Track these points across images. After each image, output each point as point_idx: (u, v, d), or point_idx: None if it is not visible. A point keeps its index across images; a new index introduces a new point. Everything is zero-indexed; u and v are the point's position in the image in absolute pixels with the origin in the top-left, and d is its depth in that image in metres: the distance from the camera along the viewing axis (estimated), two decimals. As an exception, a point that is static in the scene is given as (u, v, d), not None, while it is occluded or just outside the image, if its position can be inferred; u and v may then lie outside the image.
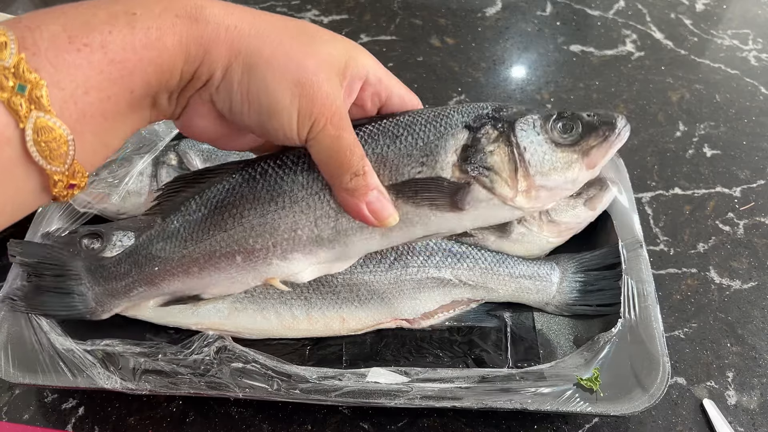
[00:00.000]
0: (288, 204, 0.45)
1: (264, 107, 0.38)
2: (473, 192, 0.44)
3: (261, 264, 0.47)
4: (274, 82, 0.38)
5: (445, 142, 0.45)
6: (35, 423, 0.55)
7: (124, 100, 0.34)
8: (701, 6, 1.02)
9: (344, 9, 0.99)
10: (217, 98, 0.39)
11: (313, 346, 0.59)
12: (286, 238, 0.46)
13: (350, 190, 0.42)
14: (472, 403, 0.51)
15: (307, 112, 0.39)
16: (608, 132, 0.46)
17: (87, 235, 0.59)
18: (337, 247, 0.46)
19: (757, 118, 0.84)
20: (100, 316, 0.53)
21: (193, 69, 0.37)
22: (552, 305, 0.61)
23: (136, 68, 0.34)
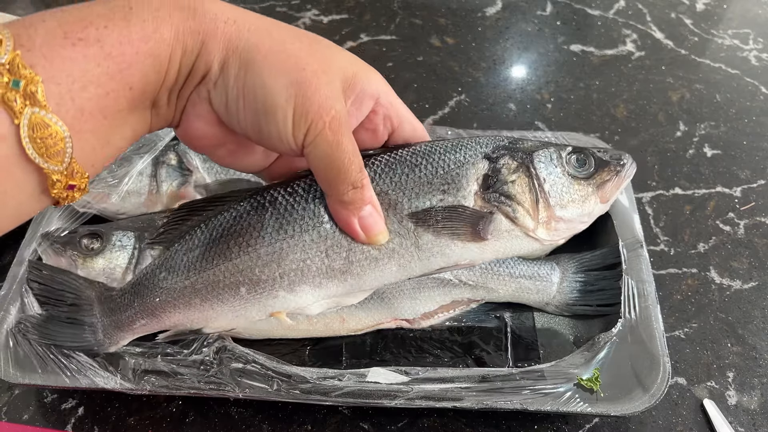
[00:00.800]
0: (297, 232, 0.44)
1: (259, 104, 0.37)
2: (496, 222, 0.44)
3: (267, 296, 0.45)
4: (270, 78, 0.36)
5: (466, 171, 0.45)
6: (35, 423, 0.55)
7: (123, 97, 0.34)
8: (701, 6, 1.02)
9: (344, 9, 0.99)
10: (214, 95, 0.38)
11: (313, 346, 0.59)
12: (294, 268, 0.44)
13: (345, 203, 0.41)
14: (473, 403, 0.51)
15: (303, 113, 0.37)
16: (619, 167, 0.48)
17: (87, 235, 0.59)
18: (349, 279, 0.45)
19: (758, 118, 0.83)
20: (108, 349, 0.52)
21: (191, 62, 0.36)
22: (552, 305, 0.61)
23: (133, 62, 0.33)
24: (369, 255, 0.44)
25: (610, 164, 0.48)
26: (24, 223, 0.61)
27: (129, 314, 0.49)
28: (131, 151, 0.68)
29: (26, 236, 0.61)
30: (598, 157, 0.48)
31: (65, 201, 0.34)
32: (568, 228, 0.46)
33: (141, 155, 0.66)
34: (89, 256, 0.58)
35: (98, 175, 0.65)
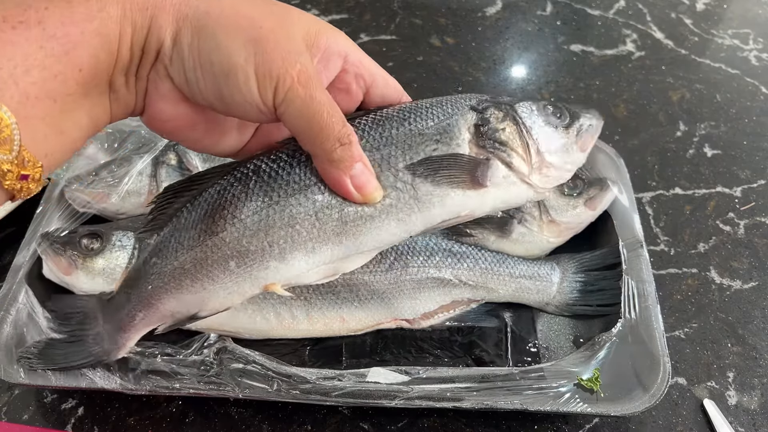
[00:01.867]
0: (283, 197, 0.42)
1: (217, 68, 0.35)
2: (493, 167, 0.44)
3: (258, 268, 0.43)
4: (225, 39, 0.35)
5: (457, 121, 0.45)
6: (35, 423, 0.55)
7: (73, 80, 0.32)
8: (702, 5, 1.02)
9: (344, 8, 0.99)
10: (172, 71, 0.36)
11: (313, 346, 0.59)
12: (283, 235, 0.42)
13: (335, 162, 0.39)
14: (473, 404, 0.51)
15: (266, 71, 0.35)
16: (589, 119, 0.50)
17: (86, 235, 0.59)
18: (345, 241, 0.43)
19: (758, 118, 0.83)
20: (115, 355, 0.50)
21: (142, 40, 0.35)
22: (552, 305, 0.61)
23: (79, 42, 0.32)
24: (363, 213, 0.42)
25: (581, 115, 0.49)
26: (24, 223, 0.62)
27: (127, 310, 0.48)
28: (131, 150, 0.68)
29: (26, 236, 0.61)
30: (571, 108, 0.49)
31: (21, 194, 0.33)
32: (558, 175, 0.47)
33: (141, 155, 0.66)
34: (89, 256, 0.58)
35: (98, 174, 0.64)
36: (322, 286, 0.58)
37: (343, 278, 0.58)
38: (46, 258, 0.58)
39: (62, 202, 0.64)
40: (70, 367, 0.51)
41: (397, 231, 0.44)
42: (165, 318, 0.47)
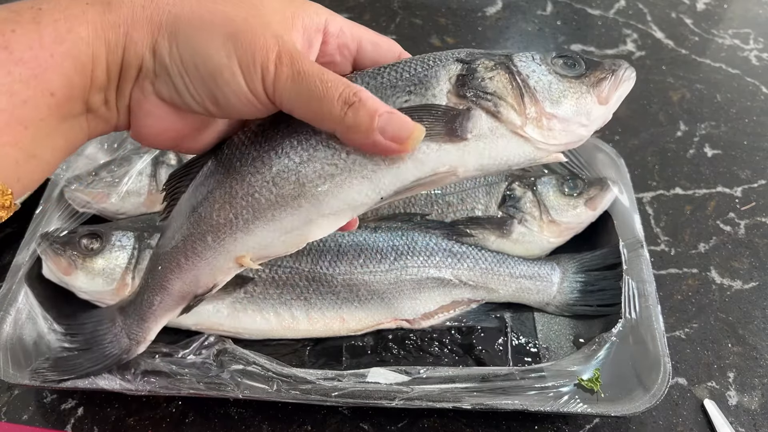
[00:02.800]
0: (241, 166, 0.41)
1: (202, 71, 0.34)
2: (475, 118, 0.39)
3: (228, 241, 0.42)
4: (202, 41, 0.33)
5: (436, 72, 0.40)
6: (34, 423, 0.55)
7: (44, 104, 0.31)
8: (702, 5, 1.02)
9: (344, 8, 0.99)
10: (159, 84, 0.35)
11: (313, 346, 0.59)
12: (244, 205, 0.41)
13: (353, 127, 0.35)
14: (473, 404, 0.51)
15: (249, 63, 0.34)
16: (615, 67, 0.43)
17: (86, 235, 0.59)
18: (305, 204, 0.40)
19: (758, 118, 0.83)
20: (135, 351, 0.51)
21: (119, 58, 0.34)
22: (552, 305, 0.61)
23: (49, 66, 0.31)
24: (323, 172, 0.39)
25: (603, 64, 0.42)
26: (23, 223, 0.62)
27: (146, 296, 0.48)
28: (131, 150, 0.68)
29: (26, 236, 0.60)
30: (589, 59, 0.42)
31: None
32: (565, 129, 0.40)
33: (141, 155, 0.66)
34: (89, 256, 0.58)
35: (98, 174, 0.64)
36: (321, 285, 0.58)
37: (342, 278, 0.58)
38: (45, 258, 0.58)
39: (62, 202, 0.64)
40: (90, 372, 0.51)
41: (364, 190, 0.39)
42: (177, 300, 0.48)
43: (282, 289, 0.58)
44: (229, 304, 0.57)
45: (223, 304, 0.57)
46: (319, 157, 0.39)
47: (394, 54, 0.43)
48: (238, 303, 0.57)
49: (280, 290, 0.58)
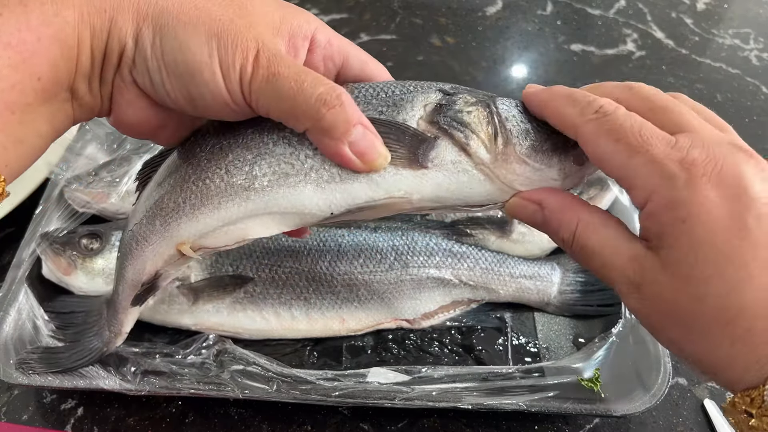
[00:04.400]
0: (200, 152, 0.40)
1: (182, 68, 0.34)
2: (440, 147, 0.37)
3: (173, 226, 0.41)
4: (187, 37, 0.33)
5: (413, 97, 0.39)
6: (34, 423, 0.55)
7: (31, 89, 0.31)
8: (702, 5, 1.02)
9: (344, 8, 0.99)
10: (136, 74, 0.35)
11: (313, 346, 0.59)
12: (194, 189, 0.40)
13: (327, 129, 0.34)
14: (473, 404, 0.51)
15: (229, 64, 0.33)
16: None
17: (86, 235, 0.59)
18: (253, 197, 0.39)
19: (759, 118, 0.83)
20: (114, 342, 0.51)
21: (103, 44, 0.33)
22: (553, 305, 0.61)
23: (37, 50, 0.30)
24: (278, 169, 0.38)
25: None
26: (23, 223, 0.62)
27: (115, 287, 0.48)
28: (130, 150, 0.68)
29: (25, 236, 0.60)
30: None
31: None
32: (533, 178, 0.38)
33: (140, 155, 0.66)
34: (88, 256, 0.58)
35: (98, 174, 0.64)
36: (321, 285, 0.58)
37: (342, 278, 0.58)
38: (45, 258, 0.58)
39: (62, 202, 0.64)
40: (74, 367, 0.51)
41: (315, 199, 0.38)
42: (131, 290, 0.46)
43: (282, 289, 0.58)
44: (229, 305, 0.57)
45: (223, 304, 0.57)
46: (277, 152, 0.38)
47: (381, 78, 0.42)
48: (238, 303, 0.57)
49: (280, 290, 0.58)
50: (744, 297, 0.28)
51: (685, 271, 0.30)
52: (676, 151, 0.30)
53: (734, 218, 0.29)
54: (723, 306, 0.29)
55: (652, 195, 0.31)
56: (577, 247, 0.35)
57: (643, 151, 0.31)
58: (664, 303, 0.31)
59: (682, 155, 0.30)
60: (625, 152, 0.31)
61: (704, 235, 0.29)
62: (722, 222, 0.29)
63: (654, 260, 0.31)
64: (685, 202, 0.29)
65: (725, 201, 0.29)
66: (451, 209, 0.40)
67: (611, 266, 0.33)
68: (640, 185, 0.31)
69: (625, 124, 0.32)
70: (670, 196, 0.30)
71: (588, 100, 0.34)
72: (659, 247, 0.31)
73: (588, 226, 0.34)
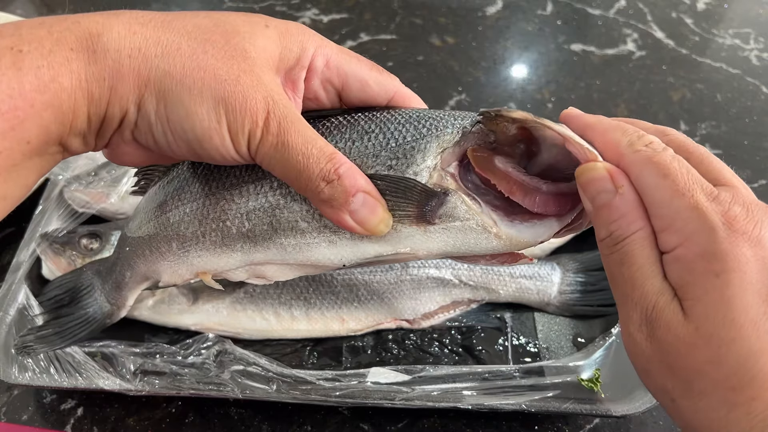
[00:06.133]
0: (219, 189, 0.41)
1: (190, 134, 0.33)
2: (449, 203, 0.37)
3: (193, 254, 0.43)
4: (193, 104, 0.33)
5: (426, 145, 0.38)
6: (34, 423, 0.55)
7: (19, 153, 0.30)
8: (702, 5, 1.02)
9: (344, 8, 0.99)
10: (138, 135, 0.35)
11: (313, 346, 0.59)
12: (214, 228, 0.41)
13: (326, 201, 0.35)
14: (473, 404, 0.51)
15: (238, 129, 0.33)
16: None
17: (86, 235, 0.59)
18: (272, 248, 0.41)
19: (759, 118, 0.83)
20: (118, 314, 0.52)
21: (102, 111, 0.32)
22: (553, 305, 0.61)
23: (28, 116, 0.29)
24: (296, 226, 0.39)
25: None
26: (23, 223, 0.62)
27: (118, 268, 0.49)
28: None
29: (25, 236, 0.60)
30: None
31: None
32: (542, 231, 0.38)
33: (140, 155, 0.66)
34: (88, 255, 0.58)
35: (97, 175, 0.64)
36: (321, 286, 0.58)
37: (342, 278, 0.58)
38: (45, 258, 0.58)
39: (61, 202, 0.64)
40: (74, 342, 0.51)
41: (328, 254, 0.40)
42: (143, 279, 0.48)
43: (282, 289, 0.58)
44: (229, 304, 0.57)
45: (223, 304, 0.57)
46: (294, 209, 0.39)
47: (387, 93, 0.41)
48: (238, 303, 0.57)
49: (280, 290, 0.58)
50: (758, 366, 0.28)
51: (709, 330, 0.29)
52: (718, 204, 0.30)
53: (766, 282, 0.29)
54: (736, 372, 0.28)
55: (687, 241, 0.30)
56: (620, 250, 0.34)
57: (689, 196, 0.30)
58: (674, 354, 0.30)
59: (724, 209, 0.30)
60: (669, 191, 0.31)
61: (738, 296, 0.28)
62: (755, 285, 0.28)
63: (677, 309, 0.30)
64: (722, 256, 0.29)
65: (759, 263, 0.29)
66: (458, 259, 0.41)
67: (638, 287, 0.32)
68: (676, 228, 0.31)
69: (673, 164, 0.32)
70: (708, 247, 0.29)
71: (639, 133, 0.34)
72: (684, 297, 0.30)
73: (645, 238, 0.33)
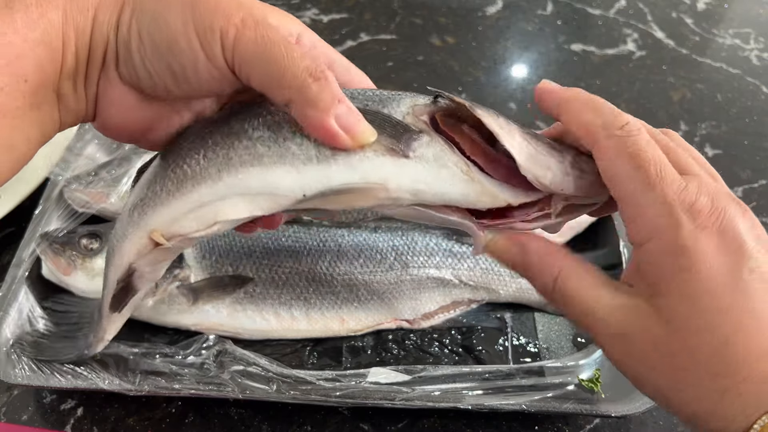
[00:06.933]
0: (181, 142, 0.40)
1: (158, 42, 0.33)
2: (424, 139, 0.36)
3: (149, 214, 0.40)
4: (161, 10, 0.32)
5: (401, 98, 0.38)
6: (34, 424, 0.55)
7: (19, 91, 0.31)
8: (702, 5, 1.02)
9: (344, 8, 0.99)
10: (121, 67, 0.34)
11: (313, 346, 0.59)
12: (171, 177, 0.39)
13: (312, 100, 0.32)
14: (473, 405, 0.51)
15: (206, 28, 0.32)
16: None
17: (86, 235, 0.59)
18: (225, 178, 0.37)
19: (759, 118, 0.83)
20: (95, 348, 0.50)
21: (86, 42, 0.33)
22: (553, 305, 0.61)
23: (23, 52, 0.31)
24: (254, 151, 0.37)
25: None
26: (23, 223, 0.62)
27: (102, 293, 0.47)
28: (130, 150, 0.68)
29: (25, 236, 0.60)
30: None
31: None
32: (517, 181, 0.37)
33: (140, 155, 0.66)
34: (88, 256, 0.58)
35: (98, 174, 0.64)
36: (321, 285, 0.58)
37: (342, 278, 0.58)
38: (45, 258, 0.58)
39: (61, 202, 0.64)
40: (55, 361, 0.52)
41: (288, 181, 0.36)
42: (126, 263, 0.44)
43: (282, 290, 0.58)
44: (229, 305, 0.57)
45: (223, 304, 0.57)
46: (254, 136, 0.37)
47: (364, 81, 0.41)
48: (237, 303, 0.57)
49: (279, 290, 0.58)
50: (737, 349, 0.29)
51: (682, 323, 0.30)
52: (686, 194, 0.31)
53: (731, 272, 0.29)
54: (716, 358, 0.29)
55: (655, 235, 0.31)
56: (558, 294, 0.35)
57: (659, 189, 0.31)
58: (655, 353, 0.31)
59: (690, 201, 0.30)
60: (641, 183, 0.31)
61: (705, 287, 0.29)
62: (721, 276, 0.29)
63: (646, 309, 0.31)
64: (689, 251, 0.29)
65: (724, 254, 0.29)
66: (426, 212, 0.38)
67: (593, 315, 0.33)
68: (645, 222, 0.31)
69: (648, 152, 0.32)
70: (675, 243, 0.30)
71: (614, 113, 0.33)
72: (654, 294, 0.31)
73: (571, 272, 0.34)
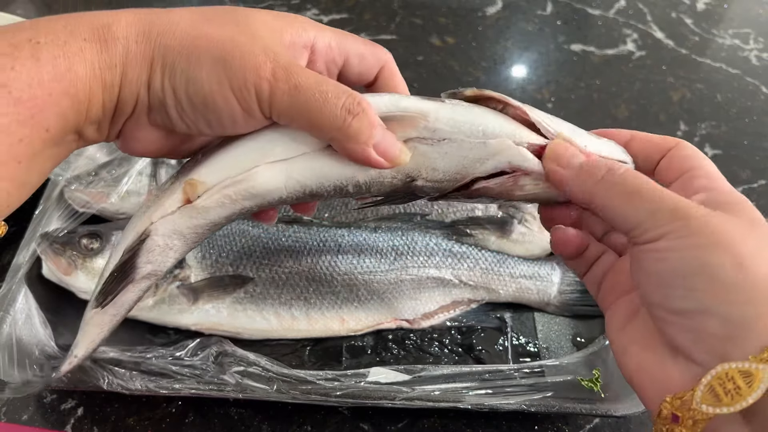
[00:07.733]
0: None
1: (195, 100, 0.34)
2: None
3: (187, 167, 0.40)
4: (192, 70, 0.33)
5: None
6: (34, 423, 0.55)
7: (39, 140, 0.31)
8: (702, 5, 1.02)
9: (344, 8, 0.99)
10: (153, 116, 0.35)
11: (313, 346, 0.59)
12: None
13: (353, 136, 0.34)
14: (473, 404, 0.51)
15: (241, 86, 0.33)
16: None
17: (86, 235, 0.59)
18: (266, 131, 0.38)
19: (759, 118, 0.83)
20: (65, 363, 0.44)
21: (115, 97, 0.34)
22: (553, 305, 0.61)
23: (46, 104, 0.31)
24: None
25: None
26: (23, 223, 0.62)
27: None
28: (131, 150, 0.68)
29: (25, 236, 0.60)
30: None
31: None
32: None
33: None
34: (88, 256, 0.58)
35: (98, 174, 0.64)
36: (321, 285, 0.58)
37: (342, 278, 0.58)
38: (45, 258, 0.58)
39: (62, 202, 0.64)
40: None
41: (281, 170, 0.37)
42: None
43: (282, 289, 0.58)
44: (229, 305, 0.57)
45: (223, 304, 0.57)
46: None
47: (379, 62, 0.42)
48: (237, 303, 0.57)
49: (279, 290, 0.58)
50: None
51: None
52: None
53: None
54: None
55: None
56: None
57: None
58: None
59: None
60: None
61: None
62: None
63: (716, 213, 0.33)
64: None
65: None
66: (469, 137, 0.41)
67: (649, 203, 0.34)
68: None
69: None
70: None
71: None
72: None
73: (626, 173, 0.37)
